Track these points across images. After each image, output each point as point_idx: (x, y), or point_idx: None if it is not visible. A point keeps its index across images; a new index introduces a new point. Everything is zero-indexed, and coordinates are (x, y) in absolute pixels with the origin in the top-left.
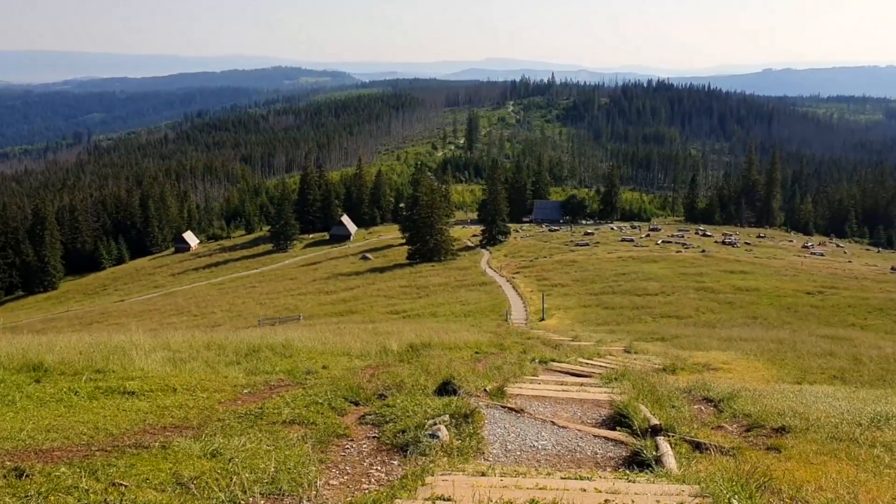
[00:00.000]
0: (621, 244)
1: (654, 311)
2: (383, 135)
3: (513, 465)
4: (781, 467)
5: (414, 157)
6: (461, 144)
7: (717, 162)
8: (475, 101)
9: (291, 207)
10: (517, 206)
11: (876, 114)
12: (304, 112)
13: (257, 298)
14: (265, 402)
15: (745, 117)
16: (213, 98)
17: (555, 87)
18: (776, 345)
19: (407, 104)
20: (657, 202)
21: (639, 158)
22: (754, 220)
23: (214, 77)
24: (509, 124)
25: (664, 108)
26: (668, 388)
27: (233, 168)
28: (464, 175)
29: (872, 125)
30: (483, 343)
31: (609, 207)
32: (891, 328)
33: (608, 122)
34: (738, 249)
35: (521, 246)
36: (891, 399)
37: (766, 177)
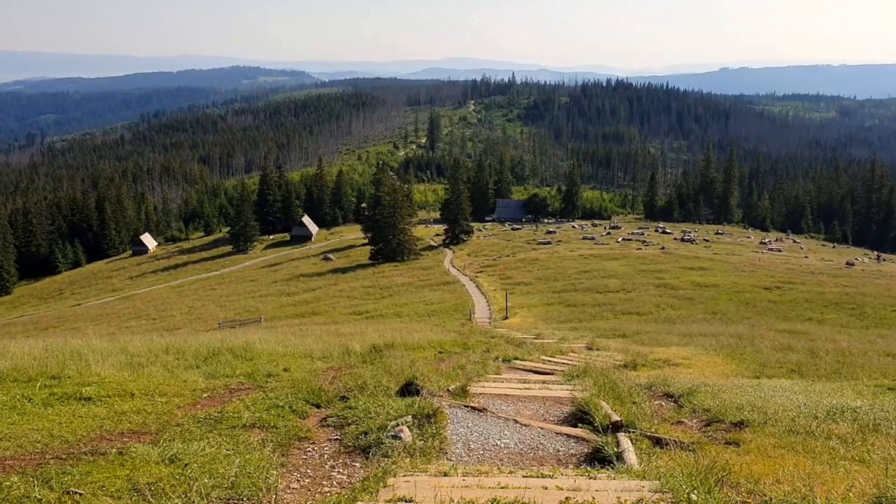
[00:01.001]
0: (583, 242)
1: (616, 308)
2: (344, 134)
3: (476, 464)
4: (740, 461)
5: (375, 157)
6: (423, 144)
7: (675, 160)
8: (436, 101)
9: (251, 208)
10: (480, 206)
11: (830, 111)
12: (263, 112)
13: (217, 301)
14: (225, 406)
15: (703, 116)
16: (170, 98)
17: (515, 87)
18: (735, 340)
19: (368, 103)
20: (617, 200)
21: (599, 157)
22: (713, 217)
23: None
24: (471, 123)
25: (623, 107)
26: (629, 385)
27: (191, 169)
28: (426, 174)
29: (826, 122)
30: (447, 342)
31: (570, 206)
32: (846, 322)
33: (568, 122)
34: (696, 246)
35: (485, 245)
36: (846, 392)
37: (724, 174)
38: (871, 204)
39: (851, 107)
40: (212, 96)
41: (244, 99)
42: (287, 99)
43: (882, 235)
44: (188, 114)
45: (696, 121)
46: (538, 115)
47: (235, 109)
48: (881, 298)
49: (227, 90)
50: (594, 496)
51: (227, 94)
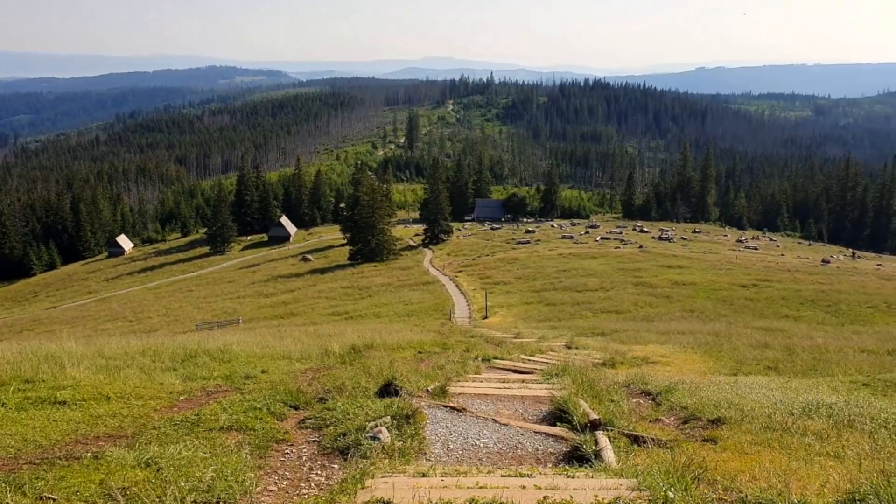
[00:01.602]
0: (562, 241)
1: (595, 307)
2: (322, 134)
3: (454, 464)
4: (717, 458)
5: (354, 157)
6: (401, 143)
7: (652, 159)
8: (415, 100)
9: (228, 209)
10: (459, 205)
11: (805, 110)
12: (239, 112)
13: (195, 302)
14: (202, 409)
15: (680, 115)
16: (146, 98)
17: (494, 86)
18: (712, 337)
19: (346, 103)
20: (596, 199)
21: (577, 156)
22: (690, 215)
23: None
24: (449, 123)
25: (601, 106)
26: (607, 383)
27: (167, 169)
28: (405, 174)
29: (802, 121)
30: (426, 342)
31: (549, 205)
32: (822, 319)
33: (547, 121)
34: (674, 244)
35: (464, 244)
36: (821, 388)
37: (701, 173)
38: (846, 202)
39: (826, 106)
40: (188, 96)
41: (221, 99)
42: (264, 99)
43: (857, 233)
44: (164, 114)
45: (673, 120)
46: (517, 115)
47: (212, 109)
48: (856, 295)
49: (204, 90)
50: (572, 495)
51: (204, 94)
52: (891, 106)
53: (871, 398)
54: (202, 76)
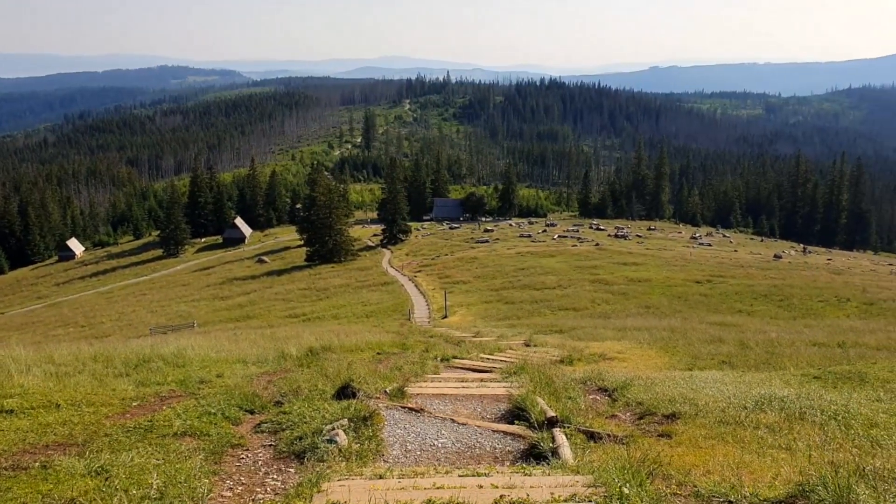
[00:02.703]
0: (520, 240)
1: (553, 304)
2: (277, 134)
3: (412, 465)
4: (672, 453)
5: (310, 157)
6: (358, 143)
7: (608, 158)
8: (371, 100)
9: (182, 211)
10: (417, 205)
11: (756, 109)
12: (192, 112)
13: (148, 306)
14: (155, 415)
15: (634, 114)
16: (96, 99)
17: (450, 86)
18: (668, 333)
19: (301, 103)
20: (553, 198)
21: (534, 156)
22: (645, 213)
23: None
24: (406, 122)
25: (557, 106)
26: (564, 380)
27: (118, 171)
28: (362, 174)
29: (753, 119)
30: (385, 343)
31: (507, 204)
32: (775, 313)
33: (504, 121)
34: (630, 242)
35: (423, 244)
36: (774, 382)
37: (655, 171)
38: (797, 198)
39: (777, 104)
40: (139, 97)
41: (173, 99)
42: (217, 99)
43: (807, 228)
44: (115, 115)
45: (627, 119)
46: (474, 115)
47: (164, 110)
48: (807, 290)
49: (156, 90)
50: (528, 493)
51: (156, 95)
52: (839, 104)
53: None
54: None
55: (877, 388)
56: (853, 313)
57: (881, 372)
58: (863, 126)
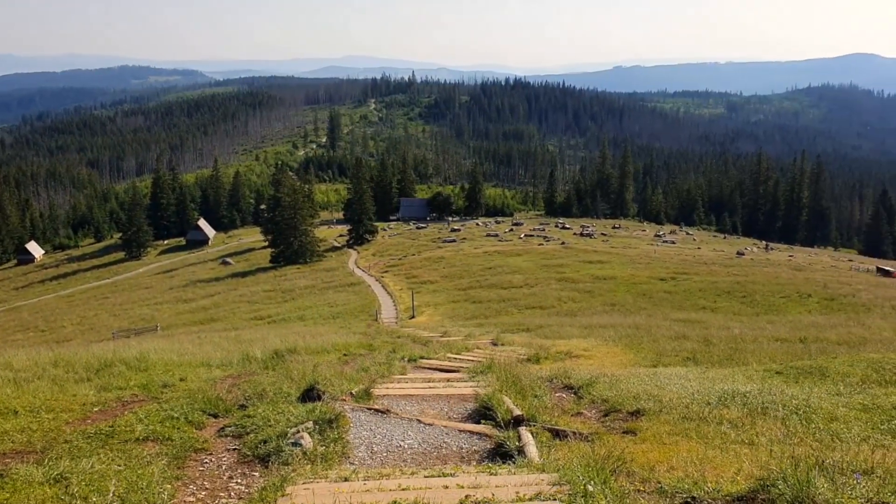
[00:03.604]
0: (487, 239)
1: (520, 303)
2: (240, 134)
3: (378, 467)
4: (636, 449)
5: (274, 157)
6: (323, 143)
7: (573, 157)
8: (336, 99)
9: (144, 213)
10: (383, 205)
11: (718, 108)
12: (154, 113)
13: (110, 310)
14: (117, 420)
15: (598, 113)
16: (55, 99)
17: (416, 86)
18: (633, 330)
19: (265, 102)
20: (519, 197)
21: (500, 155)
22: (609, 211)
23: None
24: (372, 122)
25: (522, 105)
26: (531, 378)
27: (79, 173)
28: (327, 174)
29: (715, 118)
30: (352, 345)
31: (474, 204)
32: (738, 310)
33: (469, 120)
34: (595, 240)
35: (389, 244)
36: (737, 377)
37: (619, 170)
38: (759, 196)
39: (738, 103)
40: (99, 97)
41: (134, 100)
42: (179, 99)
43: (769, 225)
44: (74, 115)
45: (591, 118)
46: (439, 114)
47: (125, 110)
48: (770, 286)
49: (116, 90)
50: (494, 492)
51: (116, 95)
52: (799, 103)
53: (783, 385)
54: (114, 76)
55: (837, 383)
56: (814, 309)
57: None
58: (822, 124)
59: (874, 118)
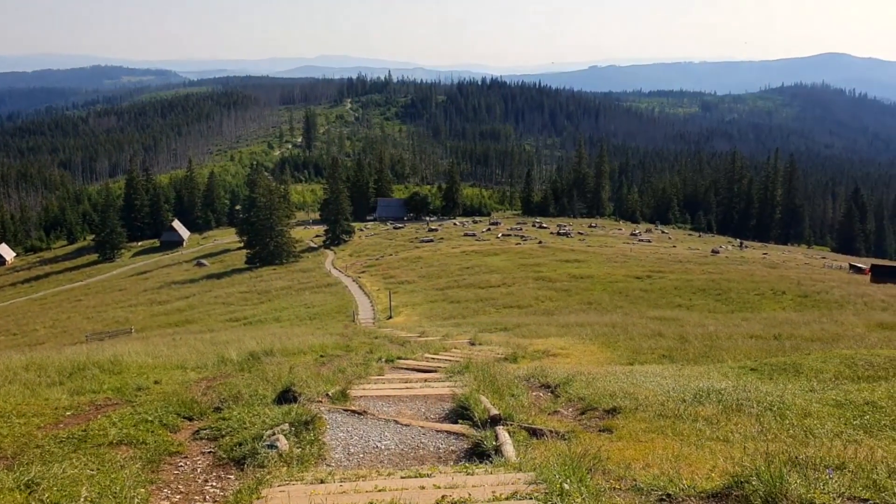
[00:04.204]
0: (464, 239)
1: (498, 302)
2: (215, 135)
3: (355, 468)
4: (612, 447)
5: (249, 157)
6: (299, 143)
7: (549, 156)
8: (311, 99)
9: (117, 214)
10: (360, 205)
11: (692, 107)
12: (127, 113)
13: (84, 312)
14: (90, 424)
15: (574, 113)
16: (25, 100)
17: (392, 85)
18: (609, 328)
19: (239, 102)
20: (496, 197)
21: (477, 155)
22: (586, 210)
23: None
24: (348, 122)
25: (499, 105)
26: (508, 378)
27: (51, 174)
28: (303, 174)
29: (690, 117)
30: (329, 346)
31: (451, 203)
32: (713, 307)
33: (446, 120)
34: (572, 239)
35: (367, 244)
36: (712, 374)
37: (595, 169)
38: (733, 194)
39: (712, 102)
40: (71, 97)
41: (107, 100)
42: (153, 99)
43: (744, 223)
44: (46, 116)
45: (567, 118)
46: (416, 114)
47: (98, 111)
48: (744, 283)
49: (88, 91)
50: (470, 492)
51: (89, 95)
52: (772, 102)
53: (758, 382)
54: (86, 76)
55: (811, 379)
56: (788, 306)
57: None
58: (795, 123)
59: (846, 117)
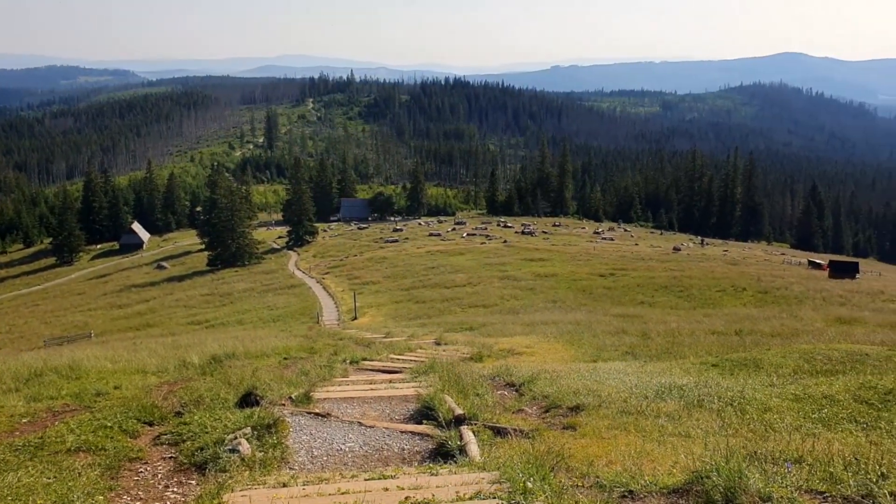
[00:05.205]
0: (429, 239)
1: (463, 302)
2: (175, 136)
3: (318, 471)
4: (576, 445)
5: (210, 158)
6: (260, 143)
7: (513, 156)
8: (273, 99)
9: (75, 217)
10: (324, 205)
11: (653, 106)
12: (84, 114)
13: (41, 317)
14: (47, 431)
15: (537, 113)
16: None
17: (355, 85)
18: (574, 326)
19: (199, 103)
20: (461, 196)
21: (441, 154)
22: (550, 209)
23: None
24: (310, 122)
25: (462, 105)
26: (473, 377)
27: (5, 177)
28: (265, 175)
29: (651, 117)
30: (292, 348)
31: (416, 203)
32: (675, 304)
33: (410, 120)
34: (536, 238)
35: (331, 245)
36: (674, 371)
37: (559, 169)
38: (694, 192)
39: (673, 101)
40: (26, 98)
41: (63, 100)
42: (111, 99)
43: (704, 221)
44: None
45: (531, 118)
46: (379, 114)
47: (54, 112)
48: (705, 280)
49: (44, 91)
50: (434, 493)
51: (44, 96)
52: (732, 101)
53: (719, 378)
54: (41, 76)
55: (770, 374)
56: (749, 302)
57: (775, 358)
58: (754, 122)
59: (804, 116)
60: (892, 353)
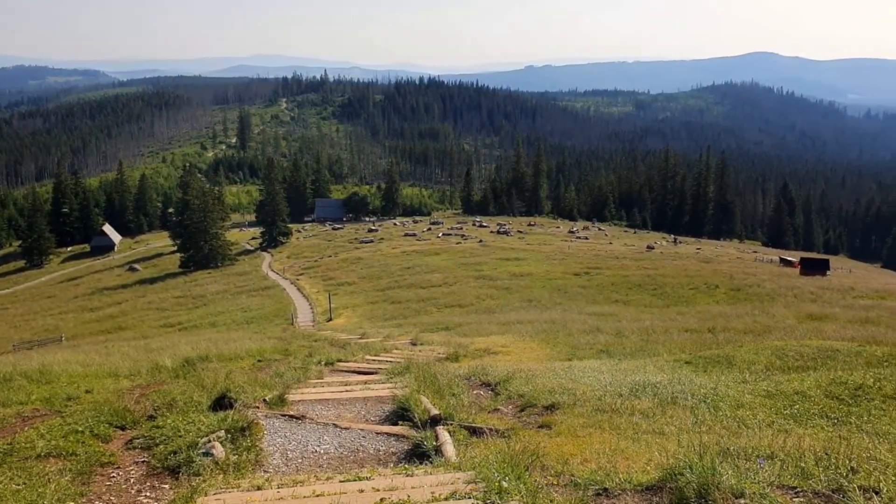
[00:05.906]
0: (405, 239)
1: (439, 302)
2: (146, 136)
3: (293, 474)
4: (551, 443)
5: (182, 159)
6: (233, 144)
7: (488, 156)
8: (246, 99)
9: (45, 219)
10: (298, 206)
11: (627, 106)
12: (54, 115)
13: (10, 321)
14: (16, 437)
15: (512, 112)
16: None
17: (328, 84)
18: (549, 325)
19: (171, 103)
20: (436, 196)
21: (416, 154)
22: (525, 209)
23: None
24: (284, 122)
25: (437, 104)
26: (448, 377)
27: None
28: (238, 175)
29: (624, 116)
30: (267, 350)
31: (391, 203)
32: (649, 302)
33: (384, 119)
34: (511, 238)
35: (305, 246)
36: (648, 368)
37: (533, 169)
38: (667, 191)
39: (646, 101)
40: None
41: (32, 101)
42: (81, 100)
43: (677, 220)
44: None
45: (505, 117)
46: (354, 113)
47: (22, 112)
48: (679, 278)
49: (12, 91)
50: (409, 494)
51: (12, 97)
52: (704, 100)
53: (692, 375)
54: (9, 77)
55: (743, 371)
56: (722, 299)
57: (747, 354)
58: (726, 121)
59: (775, 115)
60: (862, 348)
